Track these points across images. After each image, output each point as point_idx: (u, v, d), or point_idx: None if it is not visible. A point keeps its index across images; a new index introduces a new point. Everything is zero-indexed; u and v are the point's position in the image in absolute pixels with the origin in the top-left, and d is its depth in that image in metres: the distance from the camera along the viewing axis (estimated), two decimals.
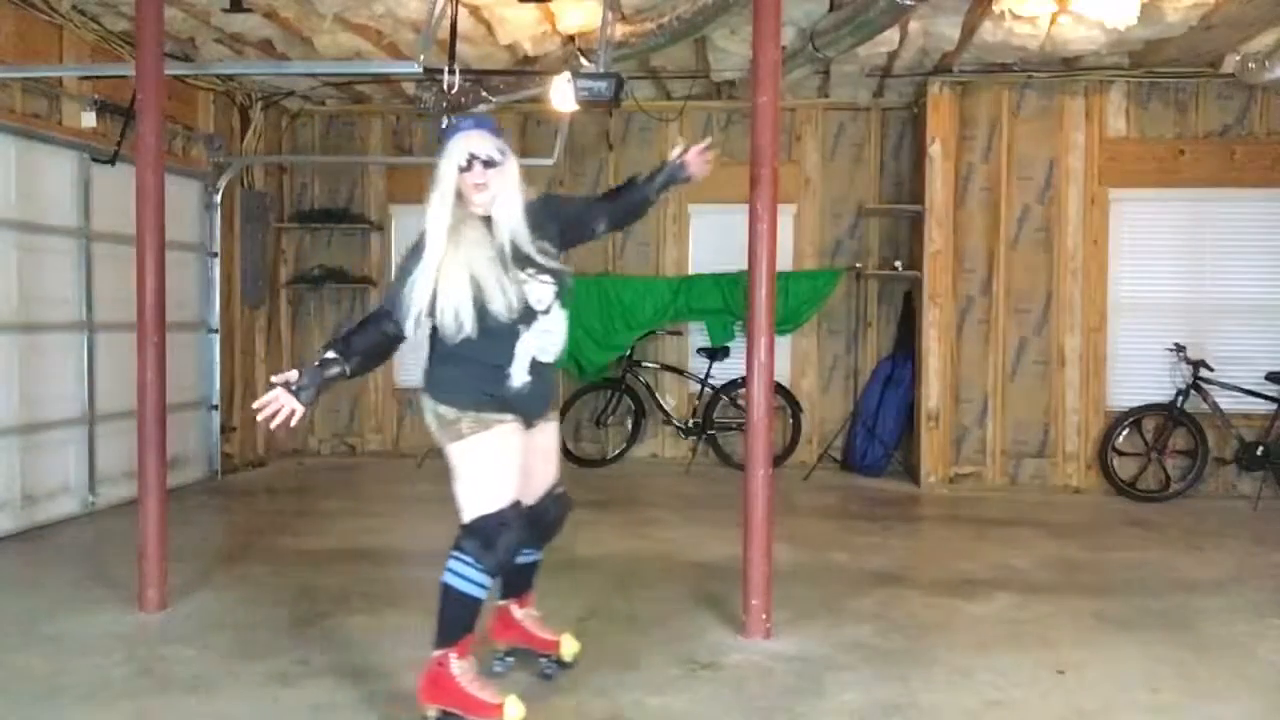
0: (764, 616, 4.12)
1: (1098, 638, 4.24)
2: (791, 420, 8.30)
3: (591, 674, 3.73)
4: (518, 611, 3.76)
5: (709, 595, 4.72)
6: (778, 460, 7.61)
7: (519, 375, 3.24)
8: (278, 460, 8.67)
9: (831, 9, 5.98)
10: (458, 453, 3.23)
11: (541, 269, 3.26)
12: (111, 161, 6.43)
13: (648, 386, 8.53)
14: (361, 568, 5.25)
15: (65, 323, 6.33)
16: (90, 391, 6.49)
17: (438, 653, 3.25)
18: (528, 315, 3.21)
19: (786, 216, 8.31)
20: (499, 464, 3.23)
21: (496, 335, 3.18)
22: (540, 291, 3.24)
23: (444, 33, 5.14)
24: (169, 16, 5.50)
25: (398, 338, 3.22)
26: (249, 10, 6.01)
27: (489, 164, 3.21)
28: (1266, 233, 7.48)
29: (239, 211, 8.19)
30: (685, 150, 3.72)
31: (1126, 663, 3.93)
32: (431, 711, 3.24)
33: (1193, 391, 7.28)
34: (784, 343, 8.26)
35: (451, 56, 4.78)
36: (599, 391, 8.50)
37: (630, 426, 8.51)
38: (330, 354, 3.12)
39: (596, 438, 8.57)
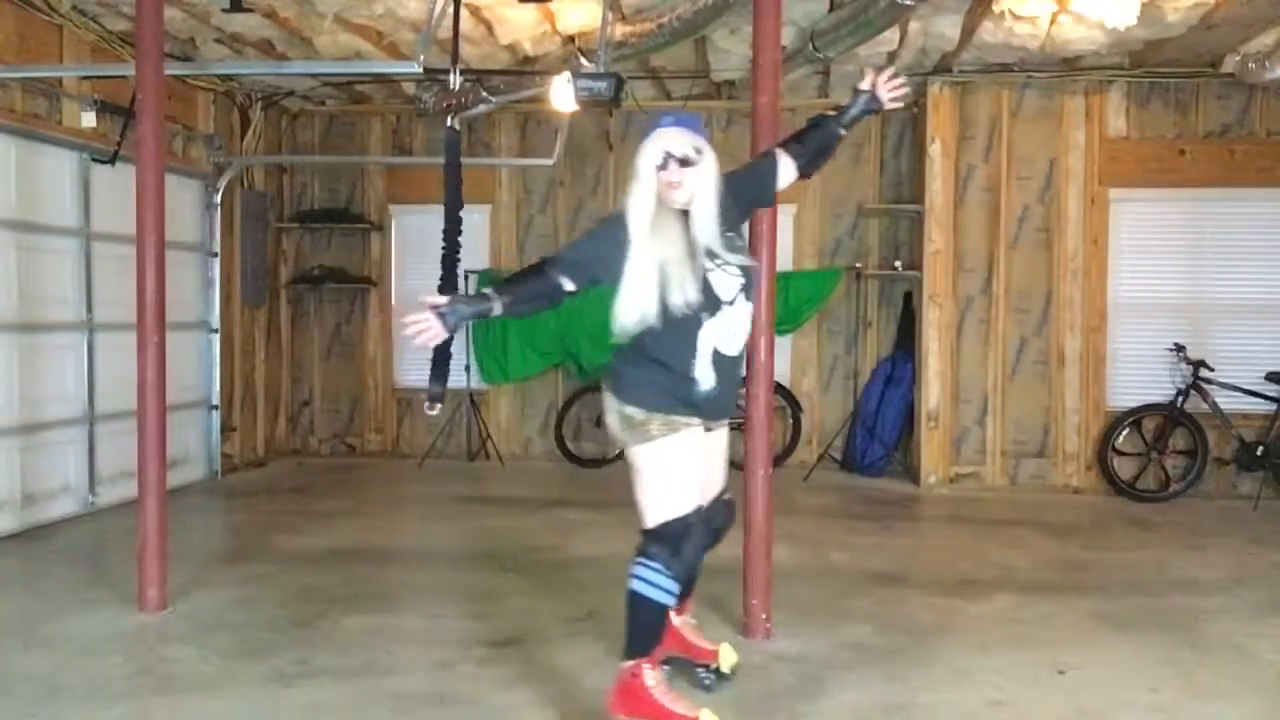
0: (764, 616, 4.12)
1: (1098, 638, 4.24)
2: (791, 420, 8.30)
3: (591, 674, 3.72)
4: (676, 619, 3.65)
5: (709, 595, 4.70)
6: (778, 460, 7.62)
7: (705, 374, 3.17)
8: (277, 460, 8.67)
9: (831, 9, 5.98)
10: (644, 455, 3.17)
11: (729, 260, 3.20)
12: (111, 161, 6.43)
13: None
14: (361, 568, 5.25)
15: (65, 323, 6.33)
16: (90, 391, 6.50)
17: (629, 664, 3.18)
18: (712, 304, 3.14)
19: (786, 216, 8.30)
20: (686, 467, 3.19)
21: (680, 326, 3.12)
22: (726, 282, 3.17)
23: (444, 33, 5.14)
24: (169, 16, 5.50)
25: (558, 289, 3.17)
26: (249, 10, 6.01)
27: (685, 162, 3.15)
28: (1266, 233, 7.48)
29: (239, 211, 8.19)
30: (874, 80, 3.63)
31: (1126, 663, 3.93)
32: None
33: (1193, 391, 7.28)
34: (784, 343, 8.26)
35: (455, 58, 4.78)
36: (599, 391, 8.46)
37: None
38: (487, 290, 3.13)
39: (596, 438, 8.57)
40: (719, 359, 3.19)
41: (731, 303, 3.18)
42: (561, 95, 5.59)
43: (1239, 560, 5.60)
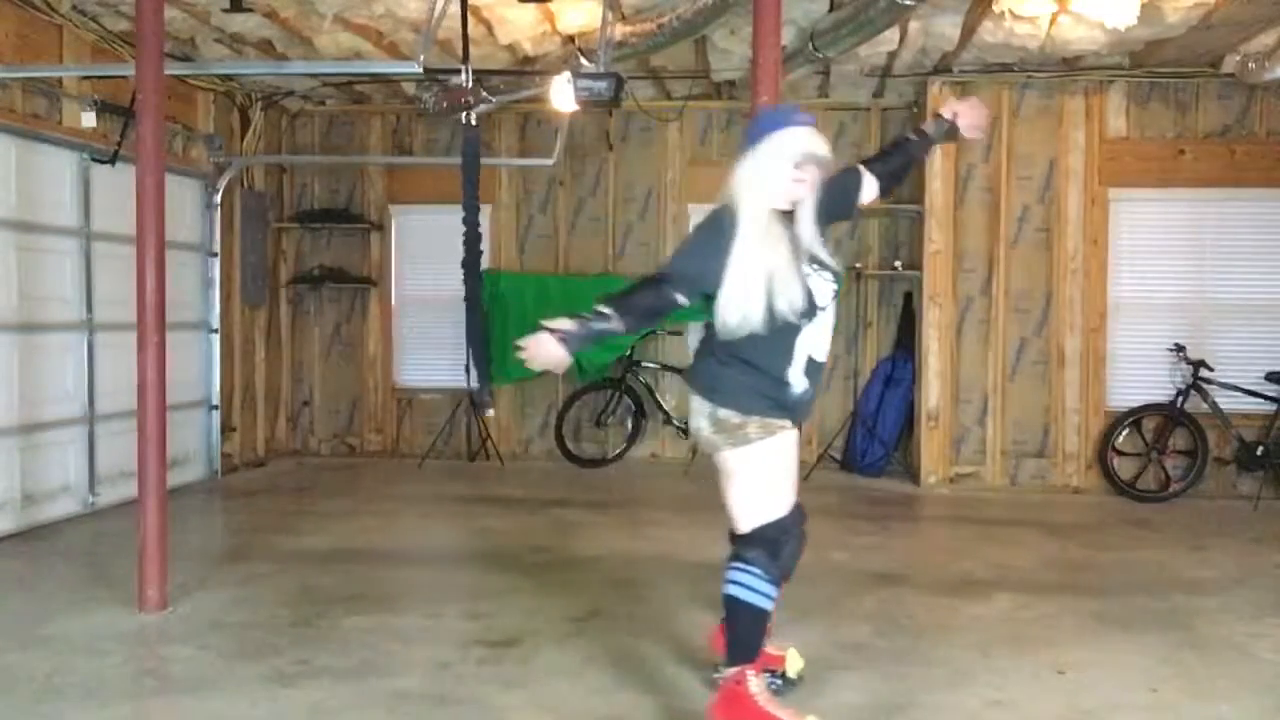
0: None
1: (1098, 638, 4.24)
2: None
3: (591, 674, 3.73)
4: None
5: (709, 595, 4.69)
6: None
7: (798, 378, 3.14)
8: (277, 460, 8.67)
9: (831, 9, 5.98)
10: (741, 458, 3.13)
11: (824, 265, 3.15)
12: (111, 161, 6.43)
13: (648, 386, 8.53)
14: (361, 568, 5.25)
15: (65, 323, 6.34)
16: (90, 391, 6.50)
17: (732, 671, 3.14)
18: (810, 311, 3.09)
19: None
20: (782, 470, 3.18)
21: (780, 332, 3.07)
22: (823, 287, 3.13)
23: (444, 33, 5.14)
24: (169, 16, 5.50)
25: (673, 304, 3.10)
26: (249, 10, 6.01)
27: (820, 164, 3.09)
28: (1266, 233, 7.48)
29: (239, 211, 8.19)
30: (956, 107, 3.59)
31: (1126, 663, 3.93)
32: None
33: (1193, 391, 7.28)
34: None
35: (465, 56, 4.77)
36: (599, 391, 8.50)
37: (630, 426, 8.51)
38: (604, 308, 3.05)
39: (596, 438, 8.57)
40: (810, 364, 3.17)
41: (825, 308, 3.15)
42: (561, 95, 5.59)
43: (1239, 560, 5.60)
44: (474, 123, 4.49)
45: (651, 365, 8.58)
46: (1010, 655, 3.99)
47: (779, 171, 3.06)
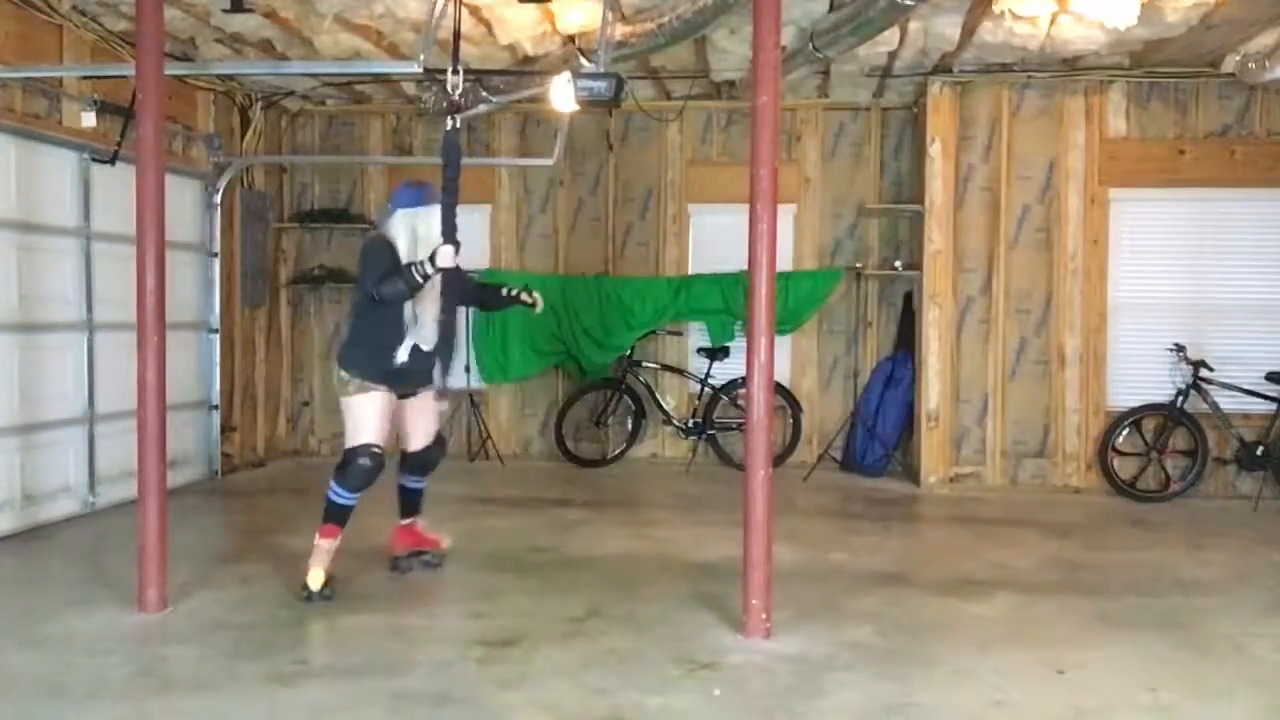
0: (764, 616, 4.12)
1: (1098, 638, 4.24)
2: (791, 420, 8.30)
3: (591, 674, 3.73)
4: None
5: (709, 595, 4.72)
6: (778, 460, 7.62)
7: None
8: (277, 460, 8.67)
9: (831, 9, 5.98)
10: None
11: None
12: (111, 161, 6.43)
13: (648, 386, 8.53)
14: (361, 568, 5.25)
15: (65, 323, 6.33)
16: (90, 391, 6.49)
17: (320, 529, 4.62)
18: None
19: (786, 216, 8.31)
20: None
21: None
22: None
23: (444, 33, 5.13)
24: (169, 16, 5.50)
25: None
26: (249, 10, 6.01)
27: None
28: (1266, 233, 7.48)
29: (239, 211, 8.19)
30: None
31: (1126, 663, 3.93)
32: None
33: (1193, 391, 7.28)
34: (784, 343, 8.26)
35: (455, 56, 4.77)
36: (599, 391, 8.50)
37: (630, 426, 8.51)
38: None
39: (596, 438, 8.57)
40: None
41: None
42: (561, 95, 5.59)
43: (1239, 560, 5.60)
44: (457, 126, 4.61)
45: (651, 365, 8.58)
46: (1010, 655, 3.99)
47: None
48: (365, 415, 4.70)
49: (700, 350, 8.44)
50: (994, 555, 5.64)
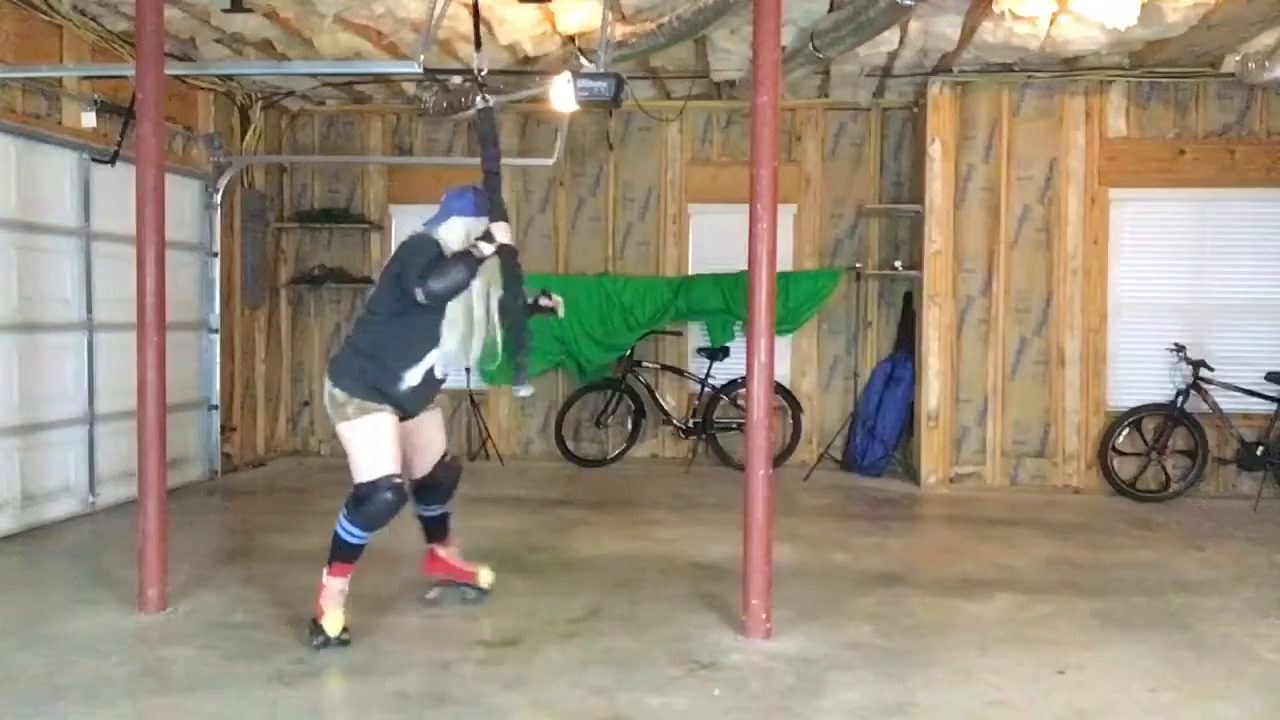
0: (764, 616, 4.12)
1: (1098, 638, 4.24)
2: (791, 420, 8.30)
3: (591, 674, 3.73)
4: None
5: (709, 595, 4.72)
6: (778, 460, 7.62)
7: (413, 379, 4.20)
8: (277, 460, 8.67)
9: (831, 9, 5.98)
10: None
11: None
12: (111, 161, 6.43)
13: (648, 386, 8.53)
14: (361, 568, 5.24)
15: (65, 323, 6.33)
16: (90, 391, 6.50)
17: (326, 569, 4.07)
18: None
19: (786, 216, 8.31)
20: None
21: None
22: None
23: (444, 33, 5.14)
24: (169, 16, 5.50)
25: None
26: (249, 10, 6.01)
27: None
28: (1266, 233, 7.48)
29: (239, 211, 8.19)
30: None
31: (1126, 663, 3.93)
32: None
33: (1193, 391, 7.28)
34: (784, 343, 8.26)
35: (478, 45, 4.73)
36: (599, 391, 8.50)
37: (630, 426, 8.51)
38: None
39: (596, 438, 8.57)
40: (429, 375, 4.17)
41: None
42: (561, 95, 5.59)
43: (1239, 560, 5.60)
44: (489, 103, 4.37)
45: (651, 365, 8.58)
46: (1010, 655, 3.99)
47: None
48: (375, 440, 4.03)
49: (700, 350, 8.44)
50: (994, 555, 5.64)
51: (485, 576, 4.63)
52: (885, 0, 5.31)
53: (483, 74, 4.58)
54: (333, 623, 3.98)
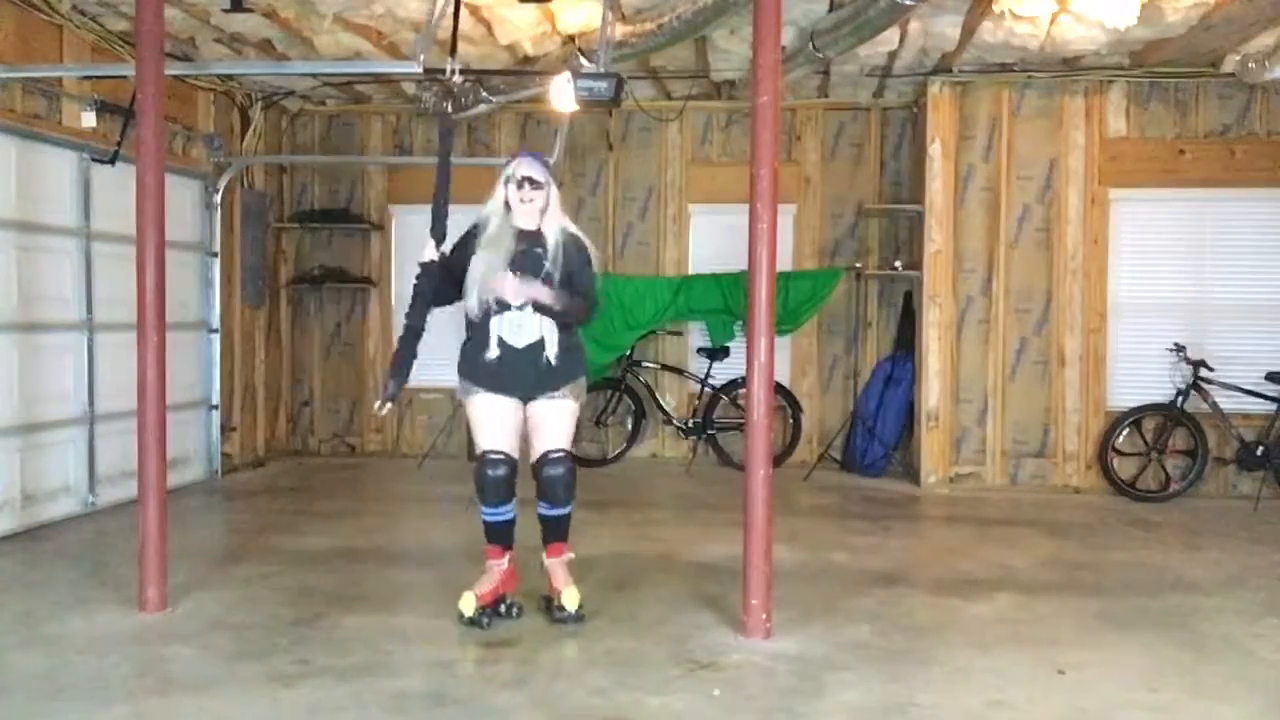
0: (764, 616, 4.12)
1: (1098, 638, 4.24)
2: (791, 420, 8.30)
3: (591, 674, 3.73)
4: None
5: (709, 595, 4.72)
6: (778, 460, 7.61)
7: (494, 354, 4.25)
8: (277, 460, 8.67)
9: (831, 9, 5.98)
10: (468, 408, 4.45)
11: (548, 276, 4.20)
12: (111, 161, 6.43)
13: (648, 386, 8.53)
14: (361, 568, 5.25)
15: (65, 323, 6.33)
16: (90, 391, 6.49)
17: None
18: (503, 305, 4.19)
19: (786, 216, 8.31)
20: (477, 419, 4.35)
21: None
22: (522, 289, 4.17)
23: (444, 33, 5.14)
24: (169, 16, 5.49)
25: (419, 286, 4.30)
26: (249, 10, 6.01)
27: (534, 184, 4.17)
28: (1266, 233, 7.48)
29: (239, 211, 8.19)
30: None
31: (1126, 663, 3.93)
32: None
33: (1193, 391, 7.28)
34: (784, 343, 8.26)
35: (453, 51, 4.76)
36: (599, 391, 8.49)
37: (630, 426, 8.51)
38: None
39: (596, 438, 8.57)
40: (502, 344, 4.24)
41: (519, 308, 4.20)
42: (561, 95, 5.59)
43: (1239, 560, 5.60)
44: (452, 115, 4.52)
45: (651, 365, 8.58)
46: (1010, 655, 3.99)
47: (502, 189, 4.17)
48: (476, 420, 4.35)
49: (700, 350, 8.44)
50: (994, 555, 5.64)
51: (570, 599, 4.35)
52: (885, 0, 5.31)
53: (454, 80, 4.64)
54: (465, 602, 4.20)
